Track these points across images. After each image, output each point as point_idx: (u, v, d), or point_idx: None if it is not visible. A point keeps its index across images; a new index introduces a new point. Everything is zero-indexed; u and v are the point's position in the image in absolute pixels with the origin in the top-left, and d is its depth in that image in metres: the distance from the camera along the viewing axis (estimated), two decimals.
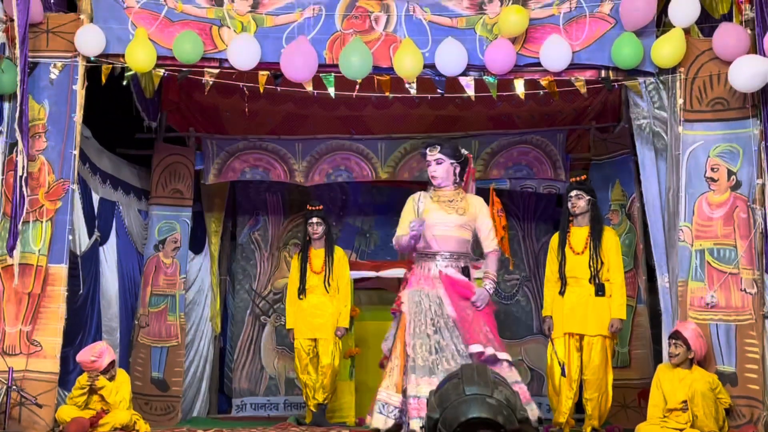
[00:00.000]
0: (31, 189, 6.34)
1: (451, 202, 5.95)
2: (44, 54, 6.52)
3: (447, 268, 5.87)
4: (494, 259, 6.07)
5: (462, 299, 5.80)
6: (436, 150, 5.94)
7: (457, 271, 5.88)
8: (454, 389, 2.48)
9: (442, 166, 5.94)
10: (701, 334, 6.06)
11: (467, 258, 6.02)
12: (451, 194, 5.98)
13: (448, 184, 5.98)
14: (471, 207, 5.98)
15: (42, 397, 6.10)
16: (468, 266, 5.98)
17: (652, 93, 6.68)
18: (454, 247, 5.92)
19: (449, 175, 5.96)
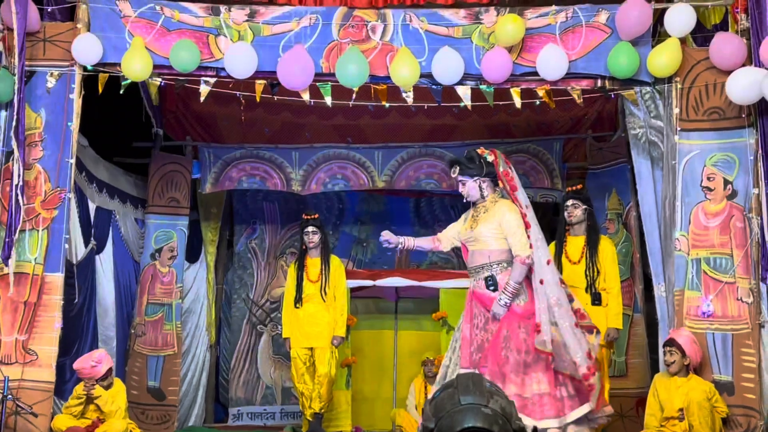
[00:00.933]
0: (28, 198, 6.34)
1: (481, 215, 5.96)
2: (41, 63, 6.52)
3: (476, 283, 5.90)
4: (516, 267, 5.76)
5: (487, 314, 5.77)
6: (456, 172, 5.98)
7: (483, 285, 5.84)
8: (449, 399, 2.47)
9: (465, 186, 5.98)
10: (695, 341, 6.07)
11: (496, 267, 5.85)
12: (485, 206, 5.97)
13: (479, 198, 5.98)
14: (492, 214, 5.87)
15: (38, 406, 6.08)
16: (493, 275, 5.83)
17: (648, 102, 6.70)
18: (477, 261, 5.91)
19: (476, 191, 5.97)
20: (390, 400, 8.74)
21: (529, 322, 5.72)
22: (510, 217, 5.81)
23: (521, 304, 5.76)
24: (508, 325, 5.70)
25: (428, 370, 8.11)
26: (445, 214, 10.00)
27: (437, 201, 10.01)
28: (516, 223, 5.79)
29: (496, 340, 5.68)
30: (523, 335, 5.69)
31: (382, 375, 8.83)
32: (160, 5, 6.69)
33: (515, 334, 5.68)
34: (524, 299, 5.78)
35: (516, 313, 5.73)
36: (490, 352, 5.66)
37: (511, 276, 5.74)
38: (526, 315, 5.74)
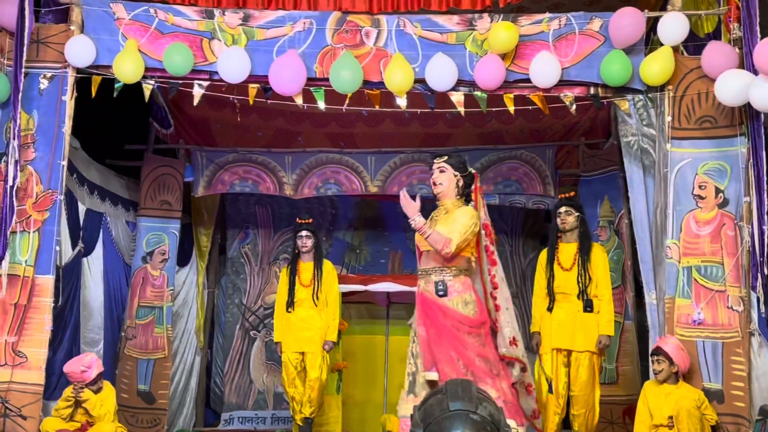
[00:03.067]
0: (19, 199, 6.32)
1: (441, 216, 5.80)
2: (34, 64, 6.50)
3: (426, 287, 5.70)
4: (440, 238, 5.46)
5: (438, 319, 5.55)
6: (442, 159, 5.86)
7: (433, 288, 5.62)
8: (438, 405, 2.47)
9: (445, 174, 5.82)
10: (682, 348, 6.07)
11: (448, 271, 5.65)
12: (446, 207, 5.82)
13: (450, 196, 5.84)
14: (452, 216, 5.67)
15: (27, 408, 6.05)
16: (444, 280, 5.60)
17: (641, 110, 6.72)
18: (430, 264, 5.70)
19: (451, 185, 5.82)
20: (380, 406, 8.75)
21: (480, 332, 5.57)
22: (466, 219, 5.60)
23: (471, 315, 5.56)
24: (458, 330, 5.51)
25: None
26: None
27: (430, 206, 9.98)
28: (468, 226, 5.56)
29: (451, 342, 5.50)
30: (477, 342, 5.54)
31: (373, 380, 8.84)
32: (154, 8, 6.68)
33: (469, 339, 5.51)
34: (473, 310, 5.58)
35: (466, 319, 5.53)
36: (448, 355, 5.49)
37: (433, 233, 5.48)
38: (476, 325, 5.56)
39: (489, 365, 5.54)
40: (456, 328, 5.51)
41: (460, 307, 5.56)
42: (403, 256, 10.06)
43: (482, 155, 9.09)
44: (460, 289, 5.61)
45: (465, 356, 5.47)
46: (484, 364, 5.51)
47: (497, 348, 5.67)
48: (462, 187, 5.85)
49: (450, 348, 5.47)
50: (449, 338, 5.48)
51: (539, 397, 6.71)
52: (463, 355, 5.47)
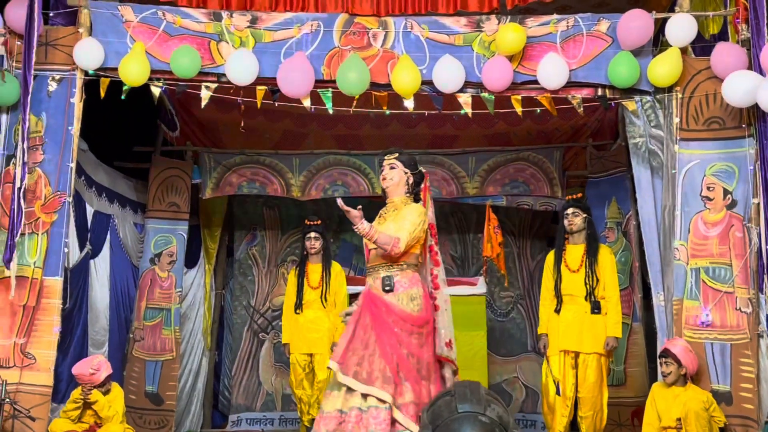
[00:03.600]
0: (28, 201, 6.33)
1: (390, 213, 5.73)
2: (43, 67, 6.52)
3: (373, 283, 5.62)
4: (387, 238, 5.42)
5: (381, 316, 5.46)
6: (393, 156, 5.79)
7: (380, 284, 5.56)
8: (446, 407, 2.48)
9: (395, 170, 5.75)
10: (690, 349, 6.06)
11: (395, 267, 5.58)
12: (395, 204, 5.75)
13: (399, 193, 5.77)
14: (401, 213, 5.63)
15: (35, 410, 6.06)
16: (391, 276, 5.55)
17: (649, 112, 6.70)
18: (378, 260, 5.63)
19: (401, 182, 5.75)
20: None
21: (423, 331, 5.51)
22: (414, 215, 5.57)
23: (415, 312, 5.48)
24: (399, 327, 5.44)
25: None
26: (445, 221, 10.01)
27: (436, 208, 9.96)
28: (416, 223, 5.54)
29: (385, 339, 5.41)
30: (417, 341, 5.47)
31: None
32: (162, 11, 6.70)
33: (408, 338, 5.44)
34: (418, 306, 5.50)
35: (410, 317, 5.46)
36: (383, 353, 5.38)
37: (380, 235, 5.42)
38: (420, 323, 5.50)
39: (419, 366, 5.44)
40: (396, 325, 5.44)
41: (405, 302, 5.48)
42: None
43: (489, 157, 9.08)
44: (407, 284, 5.55)
45: (398, 353, 5.38)
46: (415, 364, 5.42)
47: (435, 348, 5.63)
48: (412, 185, 5.80)
49: (386, 344, 5.38)
50: (388, 335, 5.40)
51: (547, 399, 6.71)
52: (397, 351, 5.38)
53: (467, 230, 10.01)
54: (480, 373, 8.26)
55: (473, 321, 8.51)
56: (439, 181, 9.08)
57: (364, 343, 5.42)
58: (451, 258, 9.96)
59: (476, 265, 9.83)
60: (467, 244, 10.00)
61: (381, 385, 5.29)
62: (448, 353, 5.69)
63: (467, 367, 8.24)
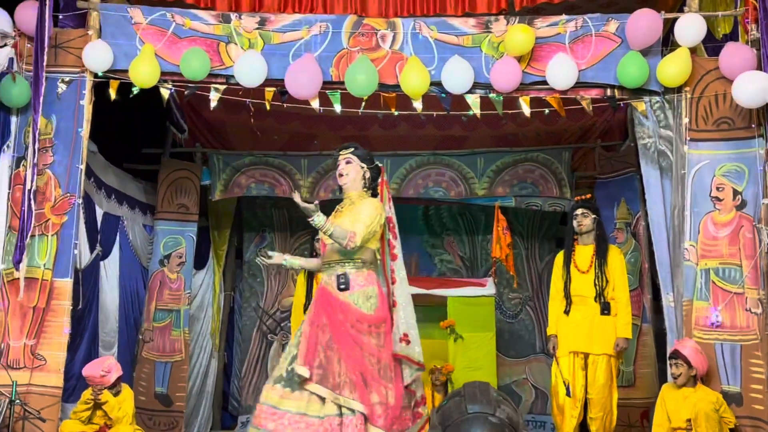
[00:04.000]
0: (38, 203, 6.35)
1: (346, 207, 5.64)
2: (52, 69, 6.54)
3: (328, 280, 5.53)
4: (342, 232, 5.33)
5: (336, 317, 5.37)
6: (348, 150, 5.71)
7: (335, 282, 5.47)
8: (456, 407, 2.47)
9: (351, 165, 5.68)
10: (700, 350, 6.05)
11: (350, 264, 5.51)
12: (352, 199, 5.66)
13: (356, 188, 5.68)
14: (357, 208, 5.54)
15: (45, 411, 6.08)
16: (347, 273, 5.46)
17: (658, 112, 6.69)
18: (333, 256, 5.54)
19: (357, 177, 5.66)
20: None
21: (380, 331, 5.42)
22: (371, 210, 5.48)
23: (371, 311, 5.40)
24: (356, 329, 5.35)
25: (435, 379, 8.10)
26: (454, 222, 10.01)
27: (445, 209, 10.02)
28: (373, 217, 5.45)
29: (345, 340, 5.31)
30: (375, 341, 5.38)
31: None
32: (171, 13, 6.72)
33: (365, 338, 5.35)
34: (374, 305, 5.42)
35: (365, 317, 5.38)
36: (346, 355, 5.28)
37: (336, 229, 5.34)
38: (375, 322, 5.40)
39: (380, 366, 5.35)
40: (353, 326, 5.35)
41: (361, 302, 5.39)
42: (419, 258, 10.06)
43: (498, 158, 9.07)
44: (363, 282, 5.46)
45: (358, 355, 5.30)
46: (375, 364, 5.33)
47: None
48: (368, 179, 5.71)
49: (345, 347, 5.30)
50: (346, 337, 5.31)
51: (556, 400, 6.70)
52: (357, 354, 5.30)
53: (476, 231, 10.01)
54: (489, 375, 8.27)
55: (482, 322, 8.51)
56: (447, 182, 9.08)
57: (324, 345, 5.32)
58: (459, 259, 9.96)
59: (485, 267, 9.83)
60: (476, 246, 10.00)
61: (349, 393, 5.21)
62: (404, 349, 5.51)
63: (476, 368, 8.26)
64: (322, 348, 5.33)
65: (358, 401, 5.20)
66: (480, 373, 8.05)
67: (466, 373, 8.04)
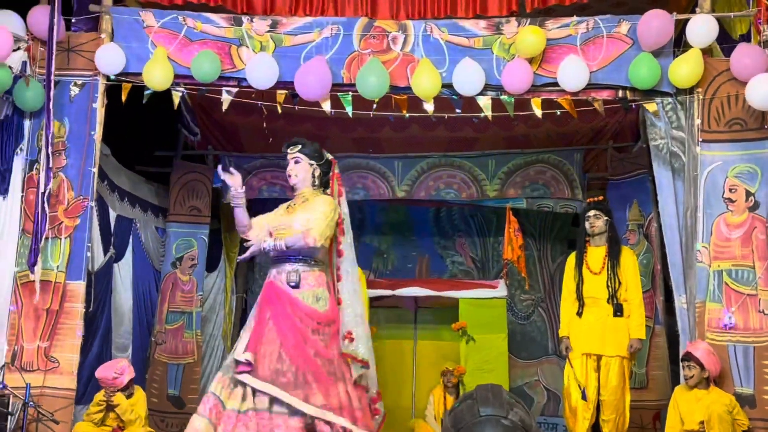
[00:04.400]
0: (51, 206, 6.38)
1: (299, 204, 5.56)
2: (65, 72, 6.58)
3: (278, 276, 5.42)
4: (299, 238, 5.30)
5: (285, 310, 5.27)
6: (296, 148, 5.62)
7: (285, 279, 5.38)
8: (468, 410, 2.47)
9: (300, 165, 5.61)
10: (712, 352, 6.03)
11: (302, 262, 5.41)
12: (304, 196, 5.59)
13: (306, 186, 5.63)
14: (311, 205, 5.47)
15: (59, 413, 6.11)
16: (298, 270, 5.37)
17: (670, 113, 6.67)
18: (285, 252, 5.41)
19: (306, 176, 5.60)
20: (409, 410, 8.74)
21: (327, 330, 5.34)
22: (326, 207, 5.43)
23: (321, 309, 5.33)
24: (304, 324, 5.26)
25: (447, 381, 8.11)
26: (465, 223, 10.01)
27: (457, 210, 10.01)
28: (329, 214, 5.39)
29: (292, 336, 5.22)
30: (323, 341, 5.30)
31: (401, 385, 8.83)
32: (182, 16, 6.74)
33: (313, 335, 5.26)
34: (324, 305, 5.36)
35: (315, 313, 5.30)
36: (288, 350, 5.19)
37: (287, 238, 5.32)
38: (325, 321, 5.33)
39: (328, 366, 5.27)
40: (301, 321, 5.26)
41: (310, 301, 5.33)
42: (430, 260, 10.06)
43: (509, 159, 9.07)
44: (313, 283, 5.39)
45: (304, 353, 5.20)
46: (323, 365, 5.25)
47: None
48: (319, 176, 5.64)
49: (291, 343, 5.20)
50: (292, 332, 5.22)
51: (568, 402, 6.68)
52: (303, 351, 5.20)
53: (487, 233, 10.00)
54: (501, 377, 8.26)
55: (494, 324, 8.50)
56: (458, 183, 9.08)
57: (269, 339, 5.22)
58: (471, 261, 9.95)
59: (497, 268, 9.82)
60: (487, 247, 9.99)
61: (292, 390, 5.11)
62: (347, 347, 5.44)
63: (488, 370, 8.25)
64: (266, 341, 5.20)
65: (300, 400, 5.09)
66: (492, 375, 8.05)
67: (478, 375, 8.04)
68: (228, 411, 5.15)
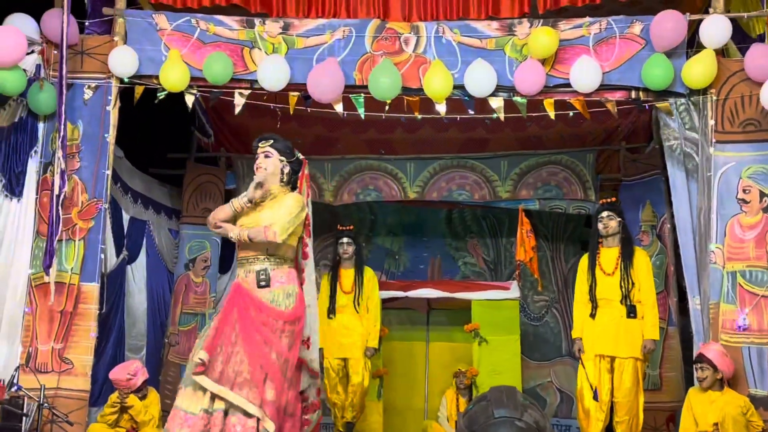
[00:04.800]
0: (65, 208, 6.41)
1: (267, 201, 5.38)
2: (78, 75, 6.61)
3: (246, 276, 5.25)
4: (260, 232, 5.15)
5: (249, 313, 5.11)
6: (268, 143, 5.44)
7: (253, 277, 5.21)
8: (482, 412, 2.48)
9: (270, 159, 5.39)
10: (725, 353, 6.01)
11: (271, 260, 5.26)
12: (273, 193, 5.40)
13: (274, 182, 5.41)
14: (280, 201, 5.32)
15: (73, 414, 6.14)
16: (267, 269, 5.21)
17: (683, 114, 6.65)
18: (252, 250, 5.26)
19: (275, 171, 5.39)
20: (421, 412, 8.74)
21: (294, 328, 5.19)
22: (292, 203, 5.27)
23: (289, 308, 5.17)
24: (268, 327, 5.11)
25: (460, 382, 8.11)
26: (477, 225, 10.00)
27: (469, 212, 10.00)
28: (294, 211, 5.23)
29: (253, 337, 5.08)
30: (287, 341, 5.15)
31: (414, 386, 8.84)
32: (195, 18, 6.77)
33: (276, 337, 5.11)
34: (293, 303, 5.21)
35: (281, 315, 5.14)
36: (249, 352, 5.05)
37: (250, 232, 5.17)
38: (291, 319, 5.18)
39: (286, 368, 5.13)
40: (265, 324, 5.11)
41: (281, 299, 5.17)
42: (442, 261, 10.05)
43: (522, 160, 9.06)
44: (284, 280, 5.23)
45: (262, 353, 5.06)
46: (282, 365, 5.11)
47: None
48: (288, 173, 5.46)
49: (253, 346, 5.06)
50: (252, 335, 5.07)
51: (582, 404, 6.67)
52: (263, 353, 5.06)
53: (500, 234, 9.99)
54: (513, 378, 8.24)
55: (506, 325, 8.49)
56: (471, 185, 9.07)
57: (230, 340, 5.08)
58: (483, 262, 9.94)
59: (509, 269, 9.81)
60: (500, 249, 9.98)
61: (247, 393, 4.97)
62: (304, 352, 5.38)
63: (501, 371, 8.24)
64: (227, 343, 5.08)
65: (254, 402, 4.97)
66: (504, 376, 8.03)
67: (491, 377, 8.02)
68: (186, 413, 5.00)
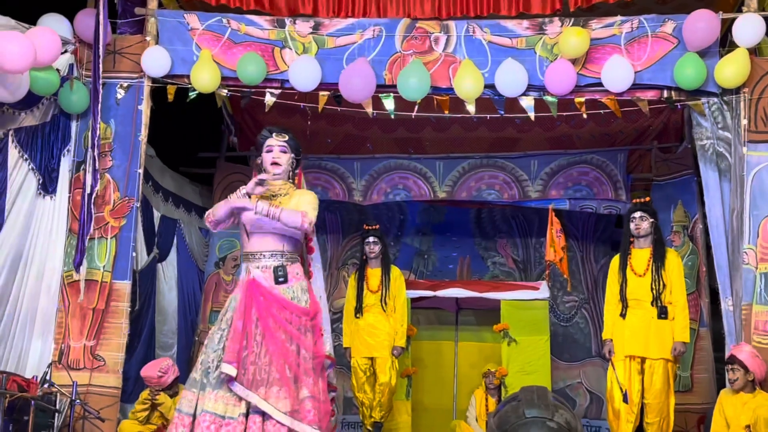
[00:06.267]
0: (97, 207, 6.48)
1: (277, 197, 5.21)
2: (111, 75, 6.68)
3: (261, 273, 5.05)
4: (293, 214, 4.96)
5: (271, 311, 4.97)
6: (284, 138, 5.28)
7: (269, 274, 5.03)
8: (513, 412, 2.47)
9: (285, 156, 5.23)
10: (757, 354, 5.96)
11: (287, 257, 5.11)
12: (287, 189, 5.24)
13: (284, 179, 5.27)
14: (294, 197, 5.16)
15: (104, 411, 6.20)
16: (284, 265, 5.05)
17: (716, 113, 6.60)
18: (267, 247, 5.07)
19: (288, 168, 5.28)
20: (450, 412, 8.73)
21: (315, 323, 5.11)
22: (312, 198, 5.15)
23: (307, 303, 5.06)
24: (295, 324, 4.99)
25: (489, 382, 8.09)
26: (506, 224, 9.96)
27: (498, 212, 9.97)
28: (316, 205, 5.10)
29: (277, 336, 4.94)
30: (310, 335, 5.06)
31: (442, 386, 8.83)
32: (226, 18, 6.81)
33: (302, 334, 5.00)
34: (308, 297, 5.09)
35: (304, 311, 5.04)
36: (274, 350, 4.91)
37: (283, 212, 4.96)
38: (312, 315, 5.08)
39: (314, 364, 5.05)
40: (291, 322, 5.00)
41: (300, 294, 5.07)
42: (471, 261, 10.03)
43: (552, 160, 9.02)
44: (299, 275, 5.11)
45: (289, 352, 4.94)
46: (310, 361, 5.03)
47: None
48: (292, 171, 5.35)
49: (276, 343, 4.92)
50: (277, 332, 4.94)
51: (612, 405, 6.63)
52: (287, 350, 4.94)
53: (529, 234, 9.95)
54: (543, 378, 8.20)
55: (536, 326, 8.45)
56: (500, 184, 9.04)
57: (256, 342, 4.94)
58: (513, 262, 9.91)
59: (539, 270, 9.77)
60: (529, 248, 9.94)
61: (276, 395, 4.85)
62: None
63: (530, 372, 8.20)
64: (253, 345, 4.93)
65: (286, 404, 4.86)
66: (534, 376, 8.00)
67: (520, 377, 8.00)
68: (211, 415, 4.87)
